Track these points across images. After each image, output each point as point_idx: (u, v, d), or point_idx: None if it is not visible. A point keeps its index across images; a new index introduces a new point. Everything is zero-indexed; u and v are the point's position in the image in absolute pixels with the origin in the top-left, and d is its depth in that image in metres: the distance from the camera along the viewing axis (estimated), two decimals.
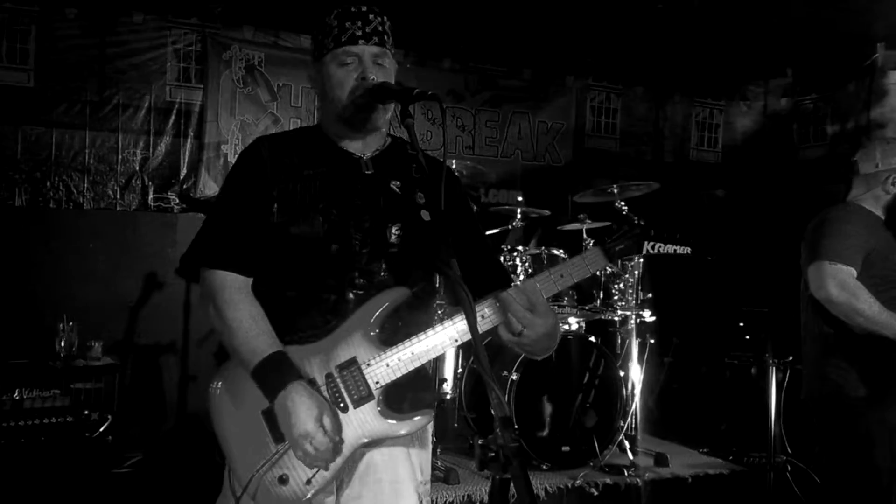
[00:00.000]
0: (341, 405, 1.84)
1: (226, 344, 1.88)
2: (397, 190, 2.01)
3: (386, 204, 1.97)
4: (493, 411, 1.54)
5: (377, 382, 1.85)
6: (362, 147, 2.04)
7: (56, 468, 4.27)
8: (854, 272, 3.11)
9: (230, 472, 1.88)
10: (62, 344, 4.59)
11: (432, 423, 1.99)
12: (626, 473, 4.41)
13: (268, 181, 1.93)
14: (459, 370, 4.76)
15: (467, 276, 1.93)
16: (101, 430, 4.42)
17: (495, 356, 4.20)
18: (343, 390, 1.85)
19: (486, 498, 3.97)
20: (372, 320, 1.88)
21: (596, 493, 4.26)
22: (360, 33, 1.93)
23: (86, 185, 5.53)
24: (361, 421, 1.85)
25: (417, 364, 1.87)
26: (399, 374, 1.86)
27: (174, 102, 5.77)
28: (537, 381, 4.44)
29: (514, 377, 4.33)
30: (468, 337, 1.81)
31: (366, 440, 1.86)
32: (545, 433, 4.46)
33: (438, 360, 4.48)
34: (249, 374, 1.83)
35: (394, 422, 1.86)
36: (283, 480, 1.82)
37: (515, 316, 1.80)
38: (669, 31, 6.18)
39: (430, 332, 1.86)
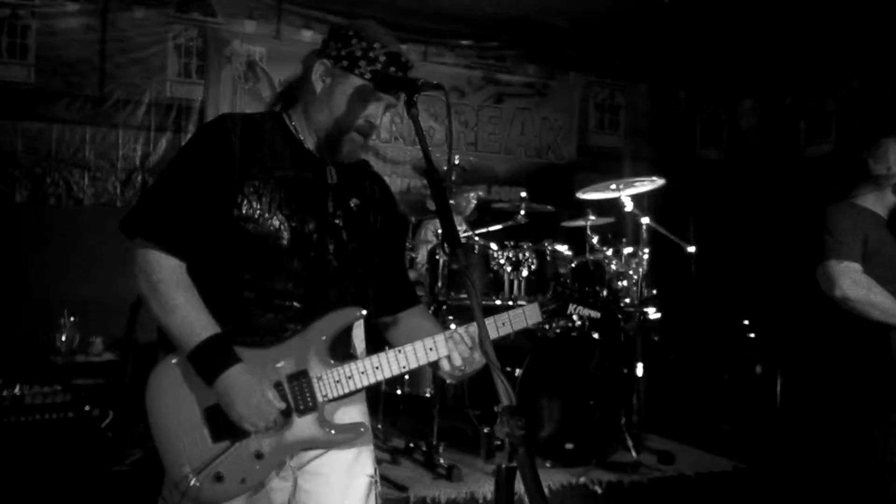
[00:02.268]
0: (286, 413, 1.87)
1: (160, 322, 1.86)
2: (355, 208, 2.04)
3: (345, 221, 2.01)
4: (499, 400, 1.52)
5: (325, 396, 1.90)
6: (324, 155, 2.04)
7: (56, 464, 4.25)
8: (861, 268, 3.13)
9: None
10: (63, 340, 4.58)
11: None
12: (629, 471, 4.39)
13: (237, 171, 1.88)
14: None
15: (386, 291, 2.13)
16: (102, 426, 4.41)
17: (500, 353, 4.18)
18: (290, 400, 1.88)
19: (489, 495, 3.95)
20: (325, 336, 1.92)
21: (600, 491, 4.23)
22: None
23: (86, 181, 5.52)
24: (301, 428, 1.89)
25: (366, 384, 1.93)
26: (347, 391, 1.91)
27: (175, 98, 5.77)
28: (541, 378, 4.42)
29: (517, 374, 4.31)
30: (416, 366, 1.94)
31: (303, 446, 1.92)
32: (549, 431, 4.44)
33: None
34: (186, 355, 1.83)
35: (333, 431, 1.92)
36: (218, 478, 1.84)
37: (461, 353, 1.94)
38: (674, 28, 6.16)
39: (381, 355, 1.93)
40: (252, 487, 1.87)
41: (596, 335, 4.67)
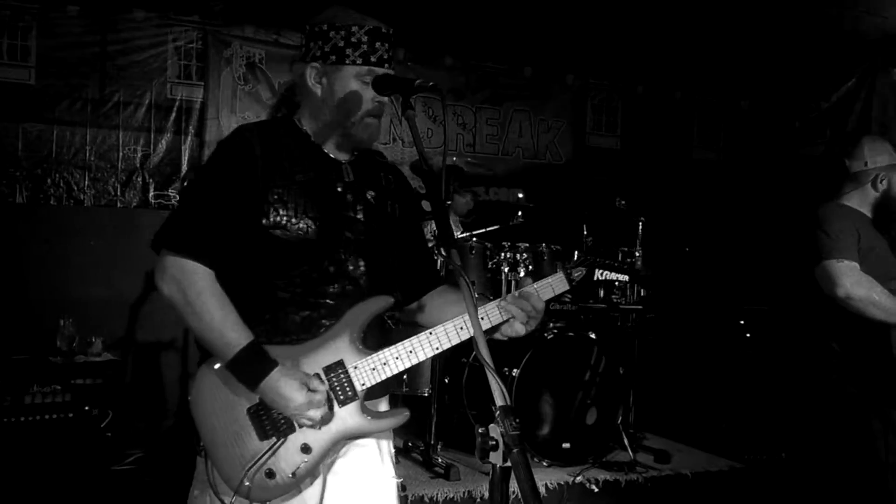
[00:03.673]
0: (328, 404, 1.90)
1: (196, 333, 1.90)
2: (372, 200, 2.08)
3: (365, 214, 2.05)
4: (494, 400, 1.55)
5: (363, 384, 1.93)
6: (343, 153, 2.09)
7: (56, 464, 4.28)
8: (859, 266, 3.15)
9: (212, 468, 1.91)
10: (62, 340, 4.60)
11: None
12: (626, 470, 4.42)
13: (261, 181, 1.93)
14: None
15: (411, 275, 2.16)
16: (102, 426, 4.43)
17: (496, 352, 4.20)
18: (329, 391, 1.91)
19: (486, 494, 3.97)
20: (359, 325, 1.96)
21: (596, 490, 4.26)
22: (386, 56, 1.99)
23: (86, 182, 5.53)
24: (344, 418, 1.93)
25: (401, 368, 1.96)
26: (384, 377, 1.96)
27: (175, 100, 5.77)
28: (538, 377, 4.44)
29: (514, 374, 4.33)
30: (448, 346, 1.97)
31: (348, 436, 1.96)
32: (546, 430, 4.47)
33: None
34: (225, 365, 1.87)
35: (374, 419, 1.97)
36: (269, 475, 1.88)
37: (537, 308, 2.01)
38: (671, 29, 6.18)
39: (413, 339, 1.96)
40: (301, 481, 1.91)
41: (593, 335, 4.70)
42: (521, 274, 4.64)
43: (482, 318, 1.97)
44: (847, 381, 3.26)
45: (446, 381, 4.70)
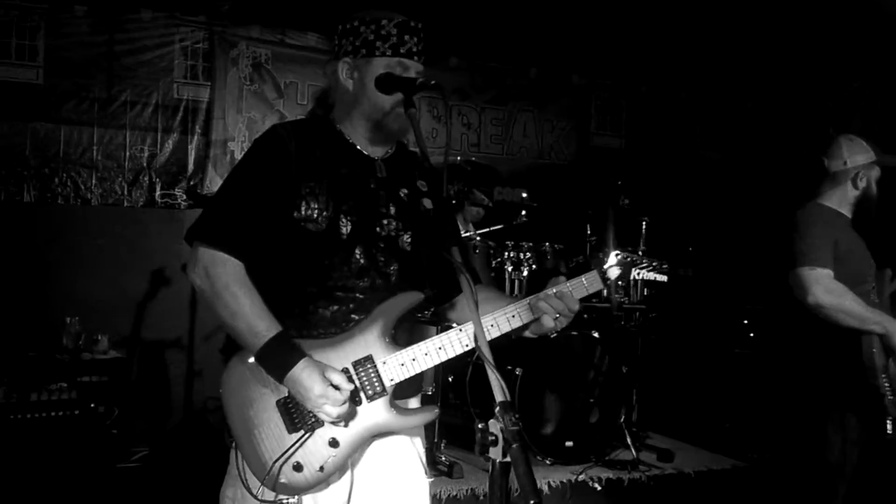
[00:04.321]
0: (356, 399, 1.91)
1: (225, 323, 1.92)
2: (405, 198, 2.10)
3: (398, 211, 2.07)
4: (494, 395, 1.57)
5: (392, 380, 1.93)
6: (377, 149, 2.12)
7: (62, 462, 4.30)
8: (832, 273, 3.16)
9: (242, 461, 1.93)
10: (69, 338, 4.63)
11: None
12: (629, 469, 4.43)
13: (294, 176, 1.96)
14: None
15: (445, 275, 2.14)
16: (108, 423, 4.46)
17: (500, 351, 4.21)
18: (358, 385, 1.92)
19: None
20: (389, 321, 1.97)
21: (599, 489, 4.27)
22: (415, 49, 2.04)
23: (94, 181, 5.56)
24: (373, 414, 1.93)
25: (430, 365, 1.96)
26: (413, 374, 1.95)
27: (182, 100, 5.79)
28: (541, 376, 4.46)
29: (518, 372, 4.34)
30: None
31: (376, 431, 1.96)
32: (549, 429, 4.48)
33: None
34: (253, 356, 1.89)
35: (403, 416, 1.97)
36: (297, 468, 1.89)
37: (571, 308, 2.02)
38: (676, 30, 6.19)
39: (443, 335, 1.96)
40: (330, 475, 1.92)
41: (596, 334, 4.71)
42: (525, 273, 4.66)
43: (513, 316, 1.99)
44: (812, 382, 3.29)
45: (450, 379, 4.71)
